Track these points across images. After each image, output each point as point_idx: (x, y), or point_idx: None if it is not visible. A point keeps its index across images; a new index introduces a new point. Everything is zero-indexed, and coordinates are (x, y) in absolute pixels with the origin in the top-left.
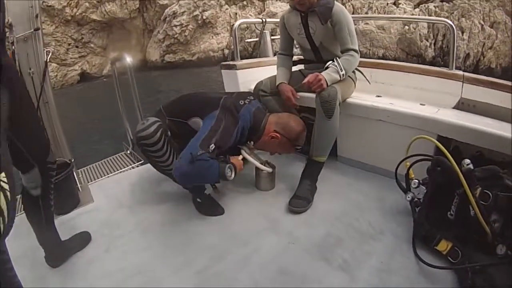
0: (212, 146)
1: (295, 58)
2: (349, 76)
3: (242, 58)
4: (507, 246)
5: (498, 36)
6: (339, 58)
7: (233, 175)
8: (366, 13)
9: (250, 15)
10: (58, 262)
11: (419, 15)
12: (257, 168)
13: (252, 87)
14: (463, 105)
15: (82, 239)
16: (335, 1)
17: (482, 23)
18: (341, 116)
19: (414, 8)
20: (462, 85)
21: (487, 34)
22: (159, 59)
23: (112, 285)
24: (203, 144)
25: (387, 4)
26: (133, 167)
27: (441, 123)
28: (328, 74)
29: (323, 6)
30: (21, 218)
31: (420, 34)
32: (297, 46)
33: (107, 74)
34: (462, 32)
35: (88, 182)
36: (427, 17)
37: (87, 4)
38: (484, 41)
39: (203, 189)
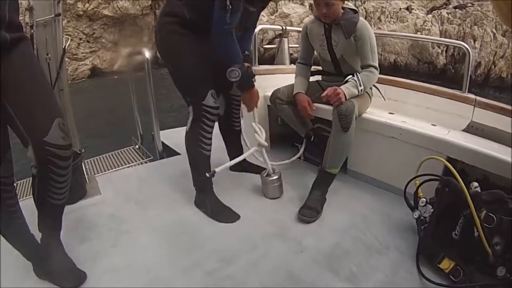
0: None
1: (313, 68)
2: (366, 92)
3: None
4: (507, 269)
5: (510, 45)
6: (358, 73)
7: (238, 77)
8: (379, 18)
9: (263, 15)
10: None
11: (431, 21)
12: (262, 177)
13: (268, 93)
14: (472, 129)
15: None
16: (360, 16)
17: (495, 31)
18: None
19: (427, 14)
20: (474, 109)
21: (499, 43)
22: None
23: (117, 281)
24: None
25: (400, 9)
26: (141, 163)
27: (451, 145)
28: (347, 88)
29: (348, 20)
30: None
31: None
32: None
33: (118, 70)
34: (474, 40)
35: (95, 174)
36: (445, 39)
37: None
38: (496, 50)
39: (210, 187)
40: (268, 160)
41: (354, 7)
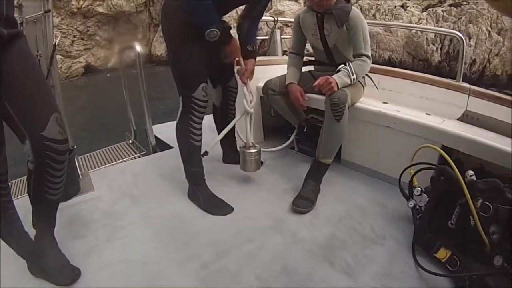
0: None
1: (305, 58)
2: (359, 81)
3: None
4: (504, 257)
5: (505, 43)
6: (351, 62)
7: (217, 37)
8: (374, 15)
9: None
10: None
11: (426, 19)
12: (241, 149)
13: (260, 84)
14: (467, 117)
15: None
16: (352, 6)
17: (490, 29)
18: (347, 120)
19: (422, 12)
20: (468, 97)
21: (494, 41)
22: (165, 53)
23: (113, 276)
24: None
25: (395, 6)
26: (135, 157)
27: (446, 133)
28: (339, 78)
29: (341, 9)
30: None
31: (427, 38)
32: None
33: (111, 67)
34: (469, 38)
35: (88, 170)
36: (438, 28)
37: None
38: (491, 48)
39: (202, 178)
40: (249, 130)
41: None
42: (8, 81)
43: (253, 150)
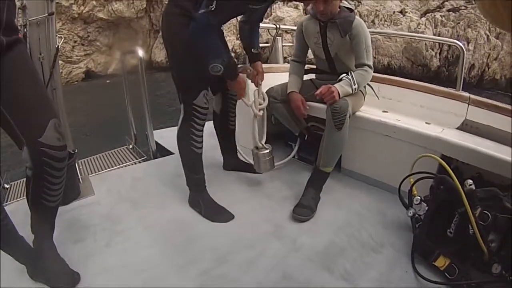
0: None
1: (306, 67)
2: (360, 90)
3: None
4: (502, 266)
5: (504, 47)
6: (353, 71)
7: (220, 72)
8: (373, 21)
9: None
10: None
11: (425, 24)
12: (254, 151)
13: None
14: (466, 127)
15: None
16: (355, 15)
17: (488, 33)
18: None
19: (421, 17)
20: (468, 107)
21: (492, 45)
22: (165, 60)
23: (111, 281)
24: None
25: (394, 12)
26: (135, 163)
27: (445, 142)
28: (341, 87)
29: (344, 18)
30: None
31: (426, 44)
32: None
33: (111, 73)
34: (468, 43)
35: (88, 174)
36: (439, 37)
37: (94, 2)
38: (490, 52)
39: (203, 185)
40: (257, 133)
41: (350, 6)
42: (6, 88)
43: (266, 151)
